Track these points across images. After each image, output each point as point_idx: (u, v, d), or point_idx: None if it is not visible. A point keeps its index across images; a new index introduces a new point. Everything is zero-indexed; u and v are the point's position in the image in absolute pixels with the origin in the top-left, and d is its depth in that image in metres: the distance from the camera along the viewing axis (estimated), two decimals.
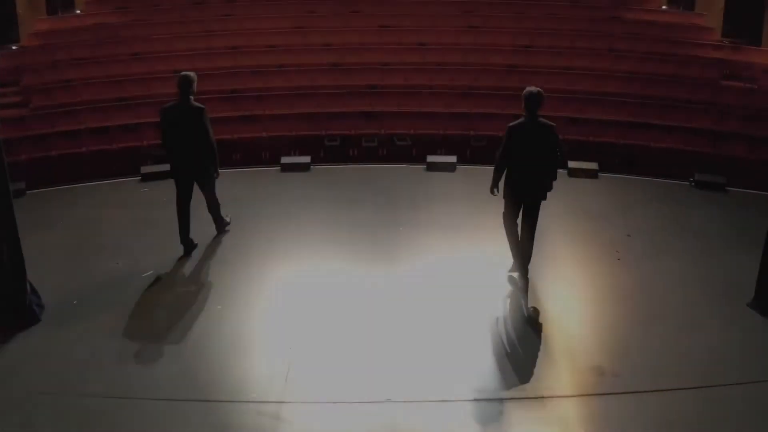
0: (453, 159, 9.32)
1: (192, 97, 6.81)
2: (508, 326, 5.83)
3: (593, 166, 9.34)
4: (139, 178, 9.29)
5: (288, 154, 10.04)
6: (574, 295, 6.31)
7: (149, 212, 8.12)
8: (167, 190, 8.80)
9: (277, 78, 12.52)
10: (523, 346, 5.52)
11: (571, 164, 9.32)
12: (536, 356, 5.37)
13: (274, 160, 9.81)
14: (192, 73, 6.96)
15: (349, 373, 5.11)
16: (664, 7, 15.99)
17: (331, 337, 5.60)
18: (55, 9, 15.86)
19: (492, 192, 6.45)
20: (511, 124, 6.22)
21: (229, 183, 7.79)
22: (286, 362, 5.19)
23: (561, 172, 9.62)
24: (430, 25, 14.43)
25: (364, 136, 10.78)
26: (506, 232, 6.46)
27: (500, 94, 11.62)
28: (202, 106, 6.90)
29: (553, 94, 11.91)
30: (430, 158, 9.37)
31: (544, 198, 6.30)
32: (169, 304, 6.15)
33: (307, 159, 9.31)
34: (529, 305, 6.09)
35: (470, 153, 10.38)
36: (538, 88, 6.11)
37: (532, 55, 13.25)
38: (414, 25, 14.44)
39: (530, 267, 6.49)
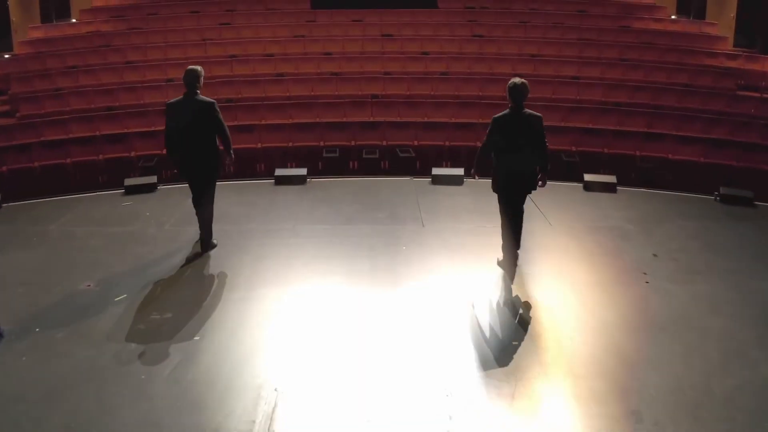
0: (460, 172, 8.49)
1: (199, 92, 6.26)
2: (519, 354, 4.96)
3: (611, 179, 8.48)
4: (123, 191, 8.45)
5: (284, 166, 9.20)
6: (600, 325, 5.43)
7: (129, 228, 7.28)
8: (150, 203, 8.01)
9: (274, 87, 11.75)
10: (538, 387, 4.64)
11: (588, 177, 8.47)
12: (559, 399, 4.50)
13: (269, 173, 8.92)
14: (199, 67, 6.37)
15: (343, 417, 4.24)
16: (673, 16, 15.24)
17: (322, 375, 4.71)
18: (50, 17, 15.16)
19: (472, 176, 6.38)
20: (496, 115, 5.89)
21: (219, 196, 6.95)
22: (270, 405, 4.32)
23: (576, 185, 8.97)
24: (433, 35, 13.72)
25: (365, 147, 9.96)
26: (502, 225, 6.17)
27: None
28: (212, 100, 6.29)
29: (562, 104, 11.15)
30: (436, 171, 8.53)
31: (534, 188, 6.09)
32: (142, 333, 5.28)
33: (303, 171, 8.47)
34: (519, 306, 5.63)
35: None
36: (523, 80, 5.80)
37: (539, 64, 12.49)
38: (416, 35, 13.73)
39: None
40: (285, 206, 7.71)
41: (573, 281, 6.05)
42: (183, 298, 5.82)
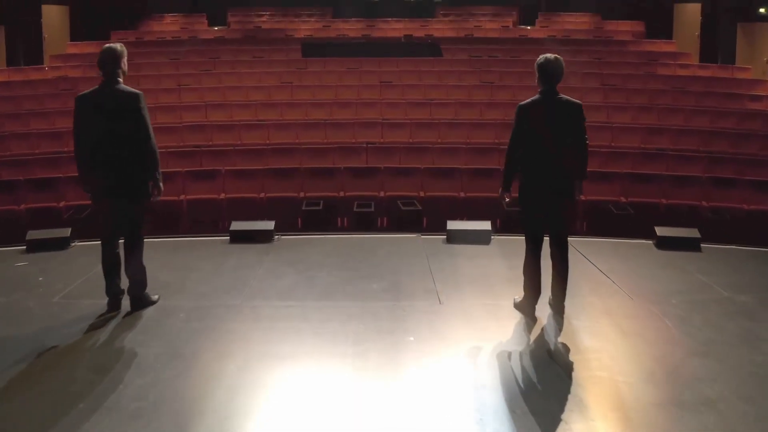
0: (485, 225, 5.72)
1: (121, 80, 4.04)
2: None
3: (692, 233, 5.70)
4: (24, 247, 5.65)
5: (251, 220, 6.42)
6: None
7: (10, 297, 4.48)
8: (51, 265, 5.22)
9: (251, 133, 9.13)
10: None
11: (661, 231, 5.69)
12: None
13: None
14: (119, 45, 4.11)
15: None
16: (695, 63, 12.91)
17: None
18: (18, 61, 12.87)
19: (502, 200, 4.24)
20: (522, 102, 4.07)
21: (154, 256, 4.32)
22: None
23: (640, 243, 6.23)
24: (438, 82, 11.27)
25: (357, 199, 7.24)
26: (526, 254, 4.14)
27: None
28: (137, 91, 4.09)
29: (597, 150, 8.52)
30: (452, 225, 5.73)
31: (572, 202, 4.23)
32: None
33: (268, 225, 5.69)
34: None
35: (501, 222, 6.81)
36: (556, 55, 4.02)
37: None
38: (419, 82, 11.28)
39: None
40: (236, 273, 4.89)
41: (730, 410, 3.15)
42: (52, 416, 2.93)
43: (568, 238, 4.14)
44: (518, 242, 5.65)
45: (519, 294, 4.23)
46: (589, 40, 13.39)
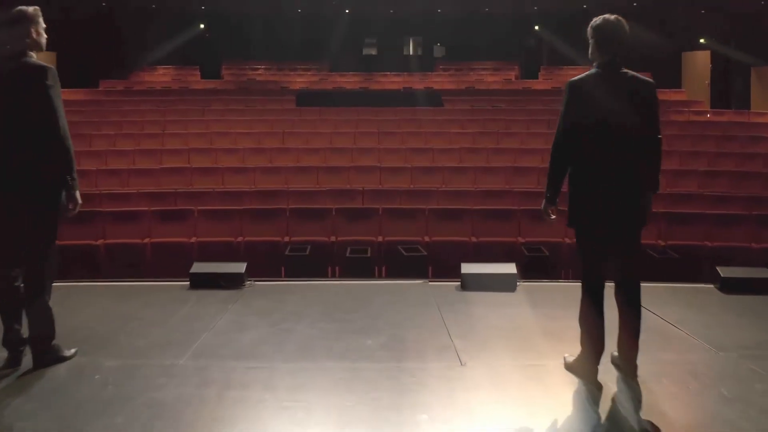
0: (510, 268, 4.47)
1: (34, 54, 2.91)
2: None
3: (763, 273, 4.48)
4: None
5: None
6: None
7: None
8: None
9: (235, 178, 8.05)
10: None
11: (725, 272, 4.45)
12: None
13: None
14: (31, 8, 2.95)
15: None
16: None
17: None
18: None
19: (546, 215, 2.90)
20: (573, 79, 2.86)
21: (92, 301, 3.53)
22: None
23: (698, 287, 4.96)
24: (440, 130, 10.34)
25: (351, 244, 6.05)
26: (583, 296, 2.83)
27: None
28: (46, 65, 2.88)
29: None
30: (468, 268, 4.47)
31: (644, 221, 2.81)
32: None
33: (239, 267, 4.45)
34: None
35: (524, 267, 5.57)
36: (617, 15, 2.79)
37: None
38: (420, 130, 10.36)
39: None
40: (187, 324, 3.61)
41: None
42: None
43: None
44: (550, 290, 4.48)
45: (571, 351, 2.97)
46: None
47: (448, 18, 14.78)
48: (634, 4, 12.69)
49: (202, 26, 14.51)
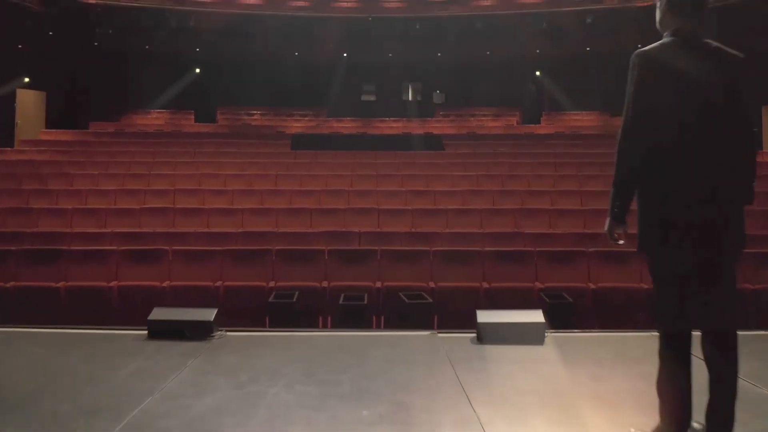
0: (536, 316, 3.61)
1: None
2: None
3: None
4: None
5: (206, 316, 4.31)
6: None
7: None
8: None
9: (221, 219, 7.28)
10: None
11: None
12: None
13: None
14: None
15: None
16: None
17: None
18: None
19: (613, 237, 2.05)
20: (642, 49, 2.05)
21: (28, 350, 2.98)
22: None
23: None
24: (442, 173, 9.69)
25: (345, 290, 5.22)
26: (663, 352, 2.01)
27: (567, 235, 6.48)
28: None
29: None
30: (485, 316, 3.59)
31: (743, 244, 2.01)
32: None
33: (207, 315, 3.58)
34: None
35: (548, 314, 4.73)
36: None
37: (592, 197, 8.28)
38: (420, 173, 9.70)
39: None
40: (131, 383, 2.73)
41: None
42: None
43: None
44: (583, 343, 3.64)
45: (636, 424, 2.13)
46: (604, 134, 12.04)
47: (448, 64, 14.40)
48: (639, 45, 12.31)
49: (197, 71, 14.10)
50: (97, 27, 11.17)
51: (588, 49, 12.54)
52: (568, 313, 4.82)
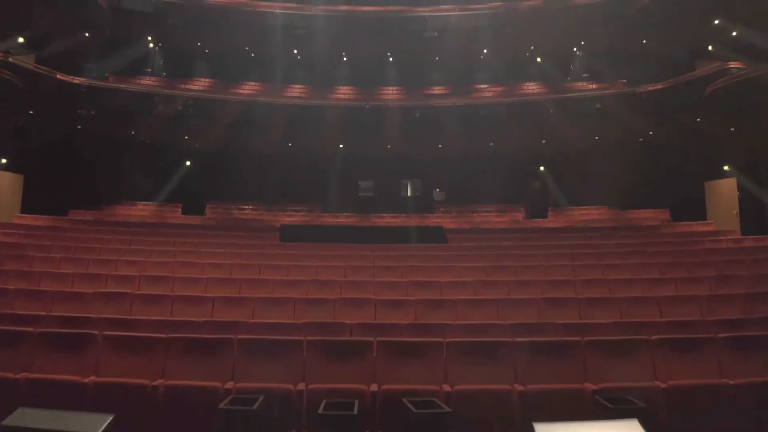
0: (632, 425, 2.20)
1: None
2: None
3: None
4: None
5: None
6: None
7: None
8: None
9: (187, 307, 5.92)
10: None
11: None
12: None
13: None
14: None
15: None
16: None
17: None
18: None
19: None
20: None
21: None
22: None
23: None
24: (446, 264, 8.44)
25: (329, 394, 3.75)
26: None
27: (609, 324, 5.11)
28: None
29: (690, 323, 5.34)
30: (546, 429, 2.19)
31: None
32: None
33: (95, 421, 2.14)
34: None
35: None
36: None
37: (618, 286, 6.99)
38: (422, 264, 8.46)
39: None
40: None
41: None
42: None
43: None
44: None
45: None
46: (615, 227, 10.95)
47: (449, 158, 13.60)
48: (650, 132, 11.55)
49: (188, 163, 13.23)
50: (80, 108, 10.39)
51: (596, 138, 11.80)
52: (641, 420, 3.35)
